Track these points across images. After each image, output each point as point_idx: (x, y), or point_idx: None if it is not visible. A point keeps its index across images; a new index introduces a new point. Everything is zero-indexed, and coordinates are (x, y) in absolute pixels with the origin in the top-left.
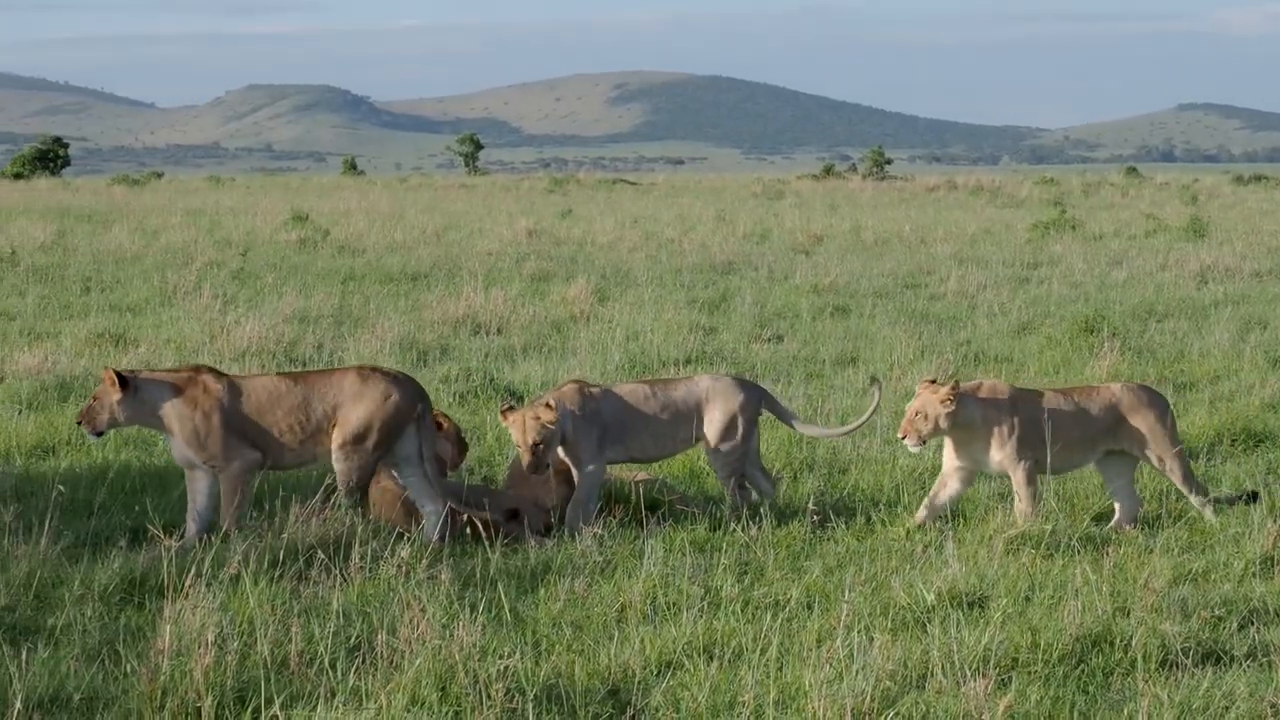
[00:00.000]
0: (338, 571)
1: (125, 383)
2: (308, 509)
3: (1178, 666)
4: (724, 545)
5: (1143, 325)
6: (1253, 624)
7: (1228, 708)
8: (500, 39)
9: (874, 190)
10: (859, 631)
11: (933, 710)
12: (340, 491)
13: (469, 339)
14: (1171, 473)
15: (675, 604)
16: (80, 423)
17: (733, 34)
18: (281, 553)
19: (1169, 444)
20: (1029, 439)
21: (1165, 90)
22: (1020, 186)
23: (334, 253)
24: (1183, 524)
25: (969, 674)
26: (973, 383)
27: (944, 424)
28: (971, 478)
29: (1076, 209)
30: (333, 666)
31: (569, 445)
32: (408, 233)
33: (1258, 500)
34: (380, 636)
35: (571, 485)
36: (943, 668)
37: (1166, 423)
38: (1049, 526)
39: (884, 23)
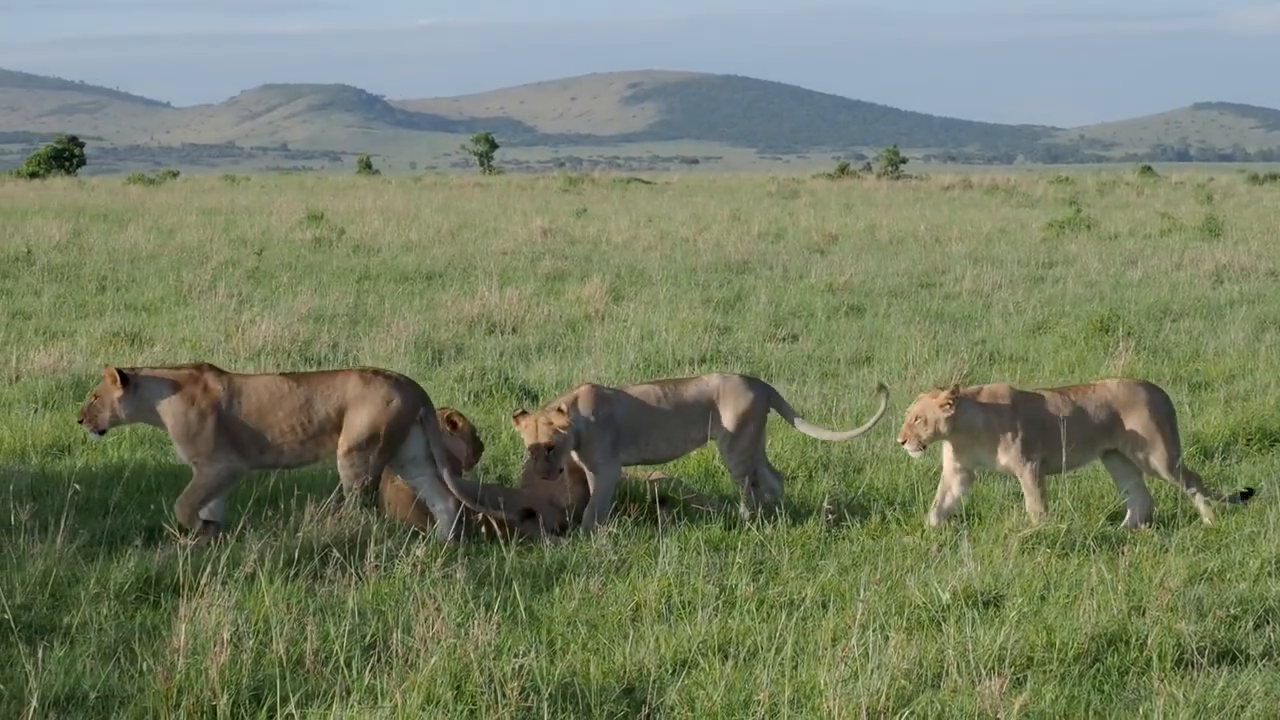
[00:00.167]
0: (353, 570)
1: (126, 380)
2: (323, 508)
3: (1193, 666)
4: (739, 544)
5: (1158, 325)
6: (1268, 623)
7: (1243, 707)
8: (515, 38)
9: (889, 189)
10: (874, 630)
11: (948, 709)
12: (347, 495)
13: (484, 338)
14: (1158, 465)
15: (690, 603)
16: (82, 421)
17: (747, 33)
18: (297, 551)
19: (1161, 438)
20: (1033, 440)
21: (1180, 89)
22: (1035, 186)
23: (349, 252)
24: (1198, 523)
25: (984, 673)
26: (972, 388)
27: (944, 428)
28: (972, 478)
29: (1091, 208)
30: (348, 665)
31: (583, 448)
32: (423, 232)
33: (1254, 495)
34: (395, 635)
35: (587, 485)
36: (958, 667)
37: (1159, 417)
38: (1064, 526)
39: (899, 22)
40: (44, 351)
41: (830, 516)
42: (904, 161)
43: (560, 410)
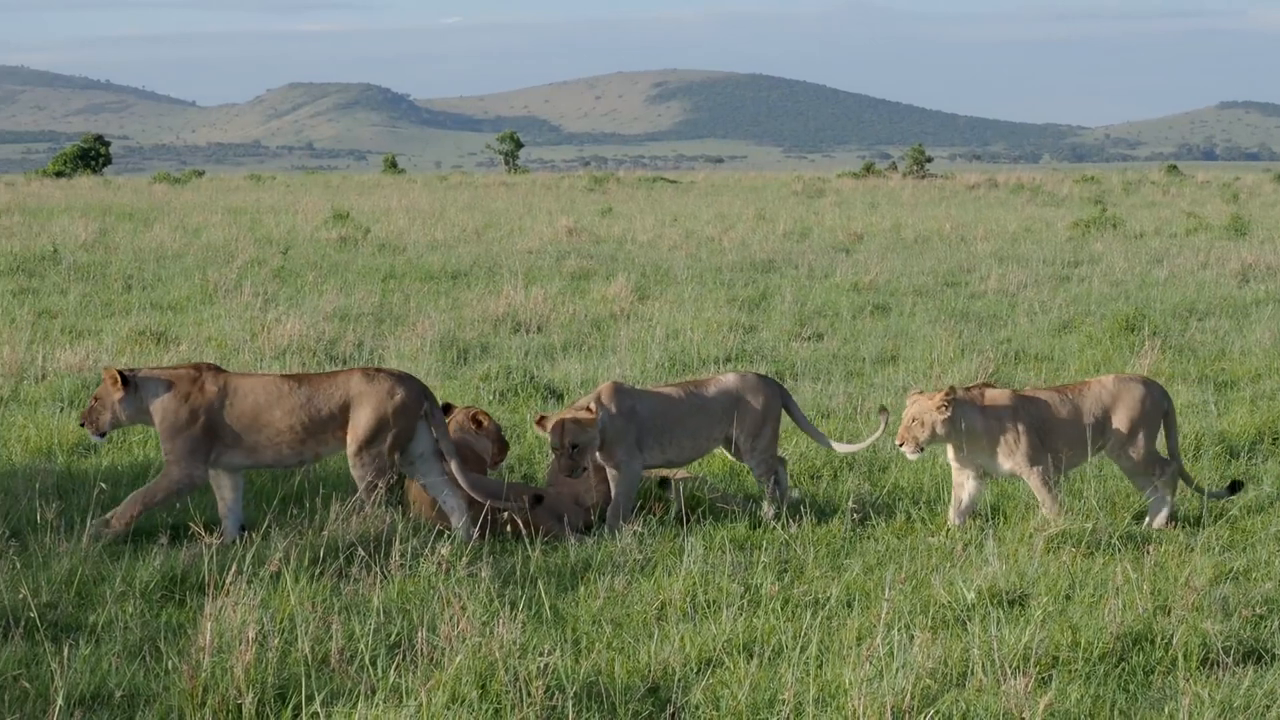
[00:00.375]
0: (378, 569)
1: (126, 381)
2: (348, 506)
3: (1219, 665)
4: (764, 543)
5: (1184, 324)
6: None
7: (1269, 706)
8: (540, 37)
9: (914, 188)
10: (899, 629)
11: (973, 708)
12: (361, 494)
13: (509, 337)
14: (1130, 457)
15: (715, 602)
16: (83, 424)
17: (773, 32)
18: (322, 550)
19: (1144, 432)
20: (1036, 443)
21: (1206, 88)
22: (1061, 184)
23: (374, 251)
24: (1224, 523)
25: (1009, 672)
26: (971, 390)
27: (940, 430)
28: (984, 474)
29: (1117, 207)
30: (373, 664)
31: (607, 445)
32: (448, 231)
33: (1242, 489)
34: (420, 634)
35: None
36: (983, 666)
37: (1149, 412)
38: (1089, 525)
39: (924, 21)
40: (70, 350)
41: (855, 516)
42: (929, 160)
43: (588, 409)
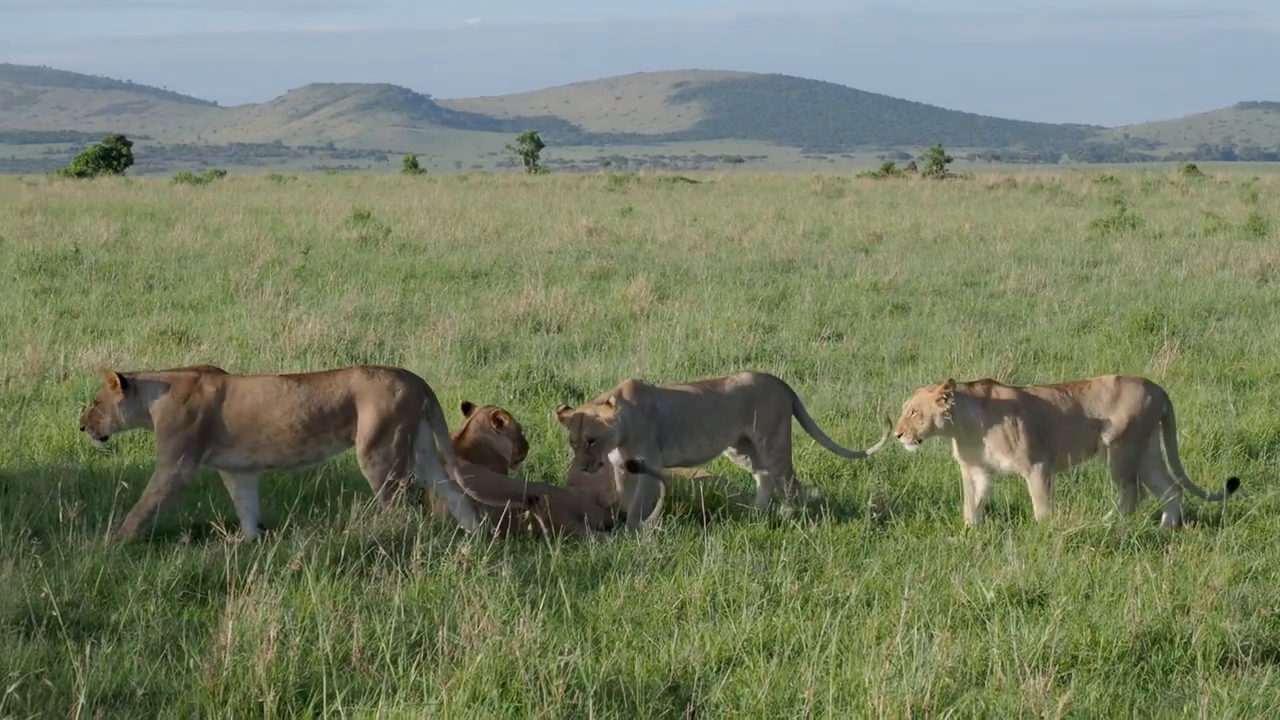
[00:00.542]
0: (399, 568)
1: (126, 384)
2: (369, 505)
3: (1238, 664)
4: (784, 542)
5: (1202, 323)
6: None
7: None
8: (561, 37)
9: (933, 188)
10: (919, 629)
11: (992, 707)
12: (377, 495)
13: (529, 336)
14: (1120, 457)
15: (735, 601)
16: (84, 429)
17: (793, 32)
18: (343, 549)
19: (1140, 433)
20: (1038, 441)
21: (1225, 89)
22: (1080, 185)
23: (395, 250)
24: (1243, 522)
25: (1029, 671)
26: (974, 384)
27: (939, 423)
28: (990, 470)
29: (1136, 207)
30: (394, 662)
31: (628, 444)
32: (469, 231)
33: (1238, 487)
34: (441, 633)
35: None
36: (1002, 665)
37: (1144, 412)
38: (1108, 525)
39: (944, 21)
40: (92, 350)
41: (875, 515)
42: (949, 160)
43: (608, 404)
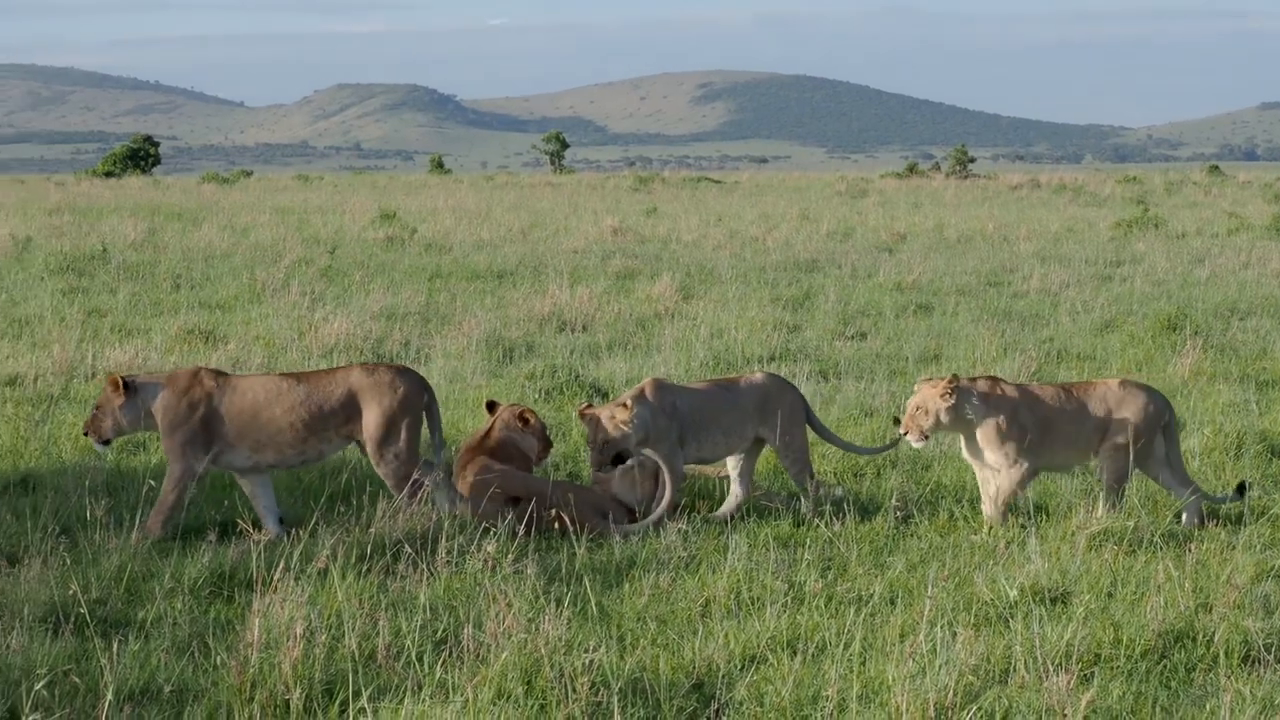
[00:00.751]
0: (424, 566)
1: (126, 386)
2: (395, 504)
3: (1260, 662)
4: (807, 541)
5: (1225, 323)
6: None
7: None
8: (586, 38)
9: (957, 188)
10: (942, 626)
11: (1015, 705)
12: (401, 494)
13: (554, 336)
14: (1115, 460)
15: (759, 599)
16: (86, 434)
17: (817, 33)
18: (369, 547)
19: (1139, 439)
20: (1024, 443)
21: (1247, 89)
22: (1103, 185)
23: (421, 250)
24: (1265, 521)
25: (1052, 669)
26: (977, 380)
27: (945, 418)
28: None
29: (1159, 207)
30: (419, 660)
31: (651, 443)
32: (494, 230)
33: (1247, 490)
34: (466, 630)
35: (656, 481)
36: (1025, 663)
37: (1146, 418)
38: (1131, 523)
39: (967, 22)
40: (119, 349)
41: (898, 514)
42: (972, 161)
43: (624, 405)
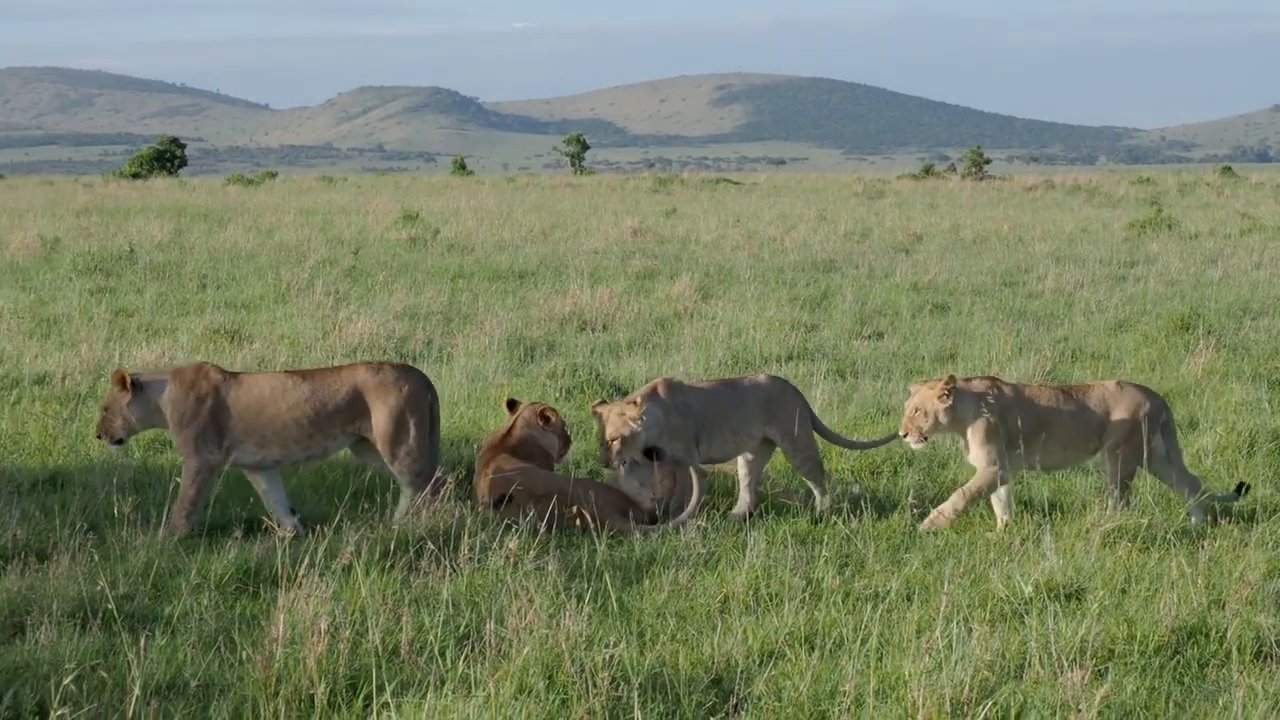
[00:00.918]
0: (447, 562)
1: (133, 384)
2: (418, 501)
3: (1272, 658)
4: (825, 538)
5: (1238, 323)
6: None
7: None
8: (606, 41)
9: (973, 190)
10: (958, 623)
11: (1030, 700)
12: (411, 489)
13: (575, 335)
14: (1118, 462)
15: (777, 595)
16: (100, 436)
17: (833, 36)
18: (392, 544)
19: (1137, 440)
20: (1002, 449)
21: (1260, 91)
22: (1117, 186)
23: (443, 251)
24: (1277, 518)
25: (1066, 665)
26: (972, 380)
27: (943, 419)
28: (1012, 464)
29: (1172, 208)
30: (442, 655)
31: (670, 439)
32: (515, 231)
33: (1247, 491)
34: (489, 626)
35: (674, 479)
36: (1040, 658)
37: (1142, 419)
38: (1145, 521)
39: (982, 25)
40: (146, 348)
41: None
42: (988, 162)
43: (634, 402)
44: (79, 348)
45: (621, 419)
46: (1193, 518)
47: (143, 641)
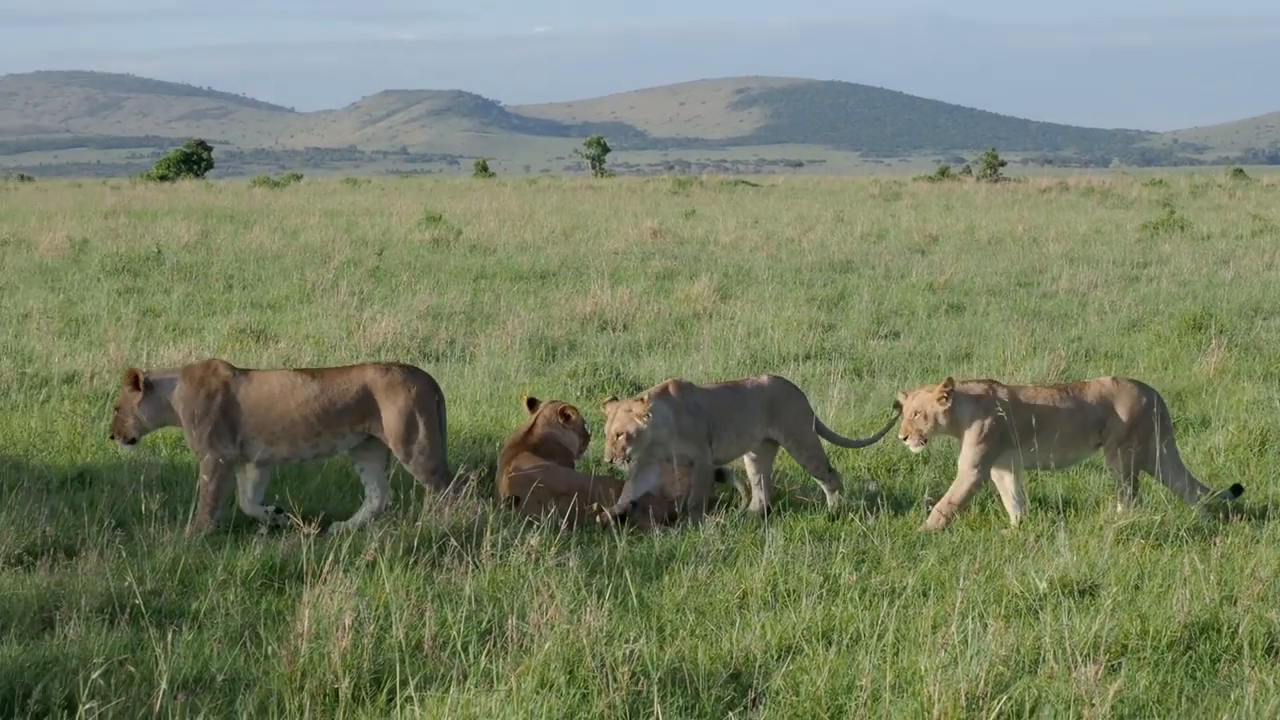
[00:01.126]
0: (470, 558)
1: (143, 384)
2: (441, 498)
3: None
4: (842, 534)
5: (1249, 323)
6: None
7: None
8: (627, 45)
9: (988, 191)
10: (973, 618)
11: (1044, 695)
12: (426, 485)
13: (596, 335)
14: (1121, 457)
15: (795, 591)
16: (113, 437)
17: (851, 40)
18: (416, 540)
19: (1138, 437)
20: (991, 452)
21: (1271, 94)
22: (1130, 188)
23: (466, 252)
24: None
25: (1080, 659)
26: (971, 383)
27: (943, 421)
28: (1017, 464)
29: (1185, 210)
30: (465, 650)
31: (682, 439)
32: (537, 232)
33: (1242, 492)
34: (510, 621)
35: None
36: (1054, 653)
37: (1140, 412)
38: (1158, 518)
39: (998, 29)
40: (173, 347)
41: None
42: (1002, 164)
43: (642, 400)
44: (107, 347)
45: (628, 415)
46: (1193, 509)
47: (170, 636)
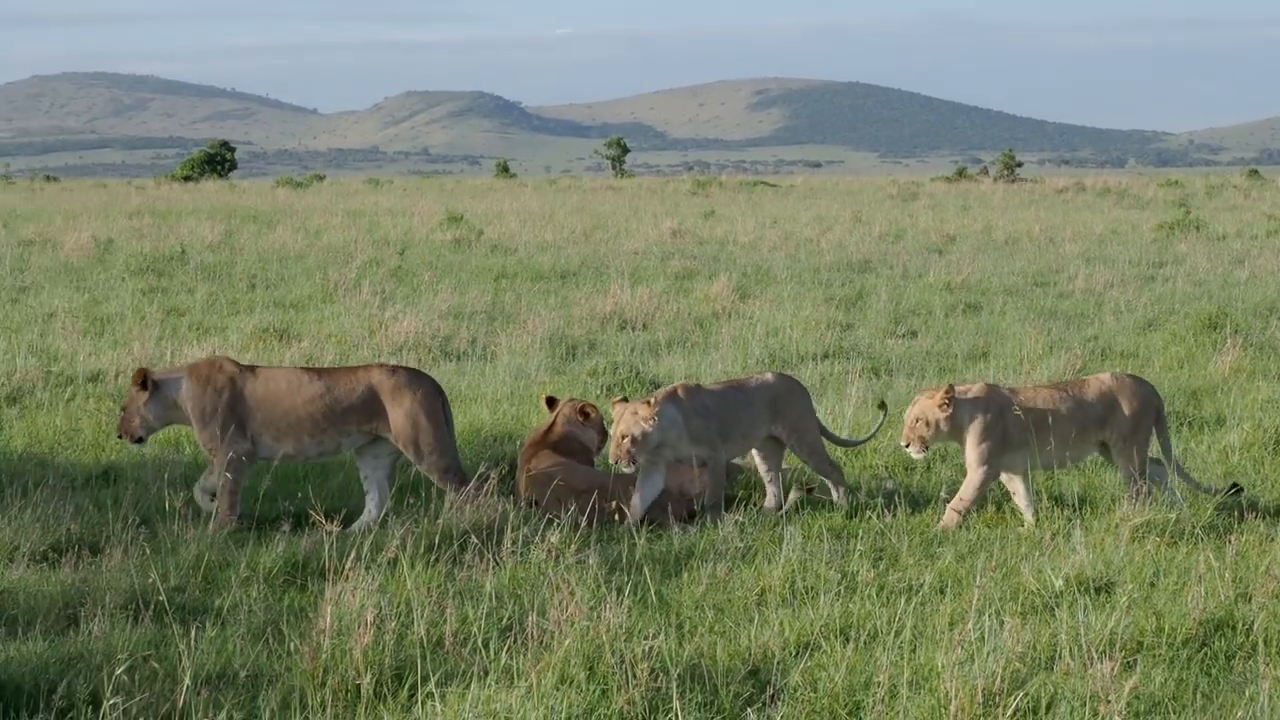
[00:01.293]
0: (490, 556)
1: (148, 382)
2: (462, 496)
3: None
4: (860, 532)
5: (1264, 322)
6: None
7: None
8: (647, 46)
9: (1005, 192)
10: (990, 615)
11: (1060, 691)
12: (440, 483)
13: (615, 334)
14: (1133, 458)
15: (813, 588)
16: (121, 436)
17: (869, 42)
18: (437, 537)
19: (1142, 432)
20: (996, 449)
21: None
22: (1146, 188)
23: (487, 252)
24: None
25: (1096, 656)
26: (971, 387)
27: (944, 427)
28: (1023, 465)
29: (1200, 210)
30: (485, 646)
31: (693, 441)
32: (557, 232)
33: (1241, 492)
34: (531, 618)
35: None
36: (1070, 650)
37: (1147, 411)
38: (1173, 515)
39: (1015, 30)
40: (197, 347)
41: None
42: (1019, 165)
43: (647, 403)
44: (131, 346)
45: (634, 417)
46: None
47: (193, 633)
